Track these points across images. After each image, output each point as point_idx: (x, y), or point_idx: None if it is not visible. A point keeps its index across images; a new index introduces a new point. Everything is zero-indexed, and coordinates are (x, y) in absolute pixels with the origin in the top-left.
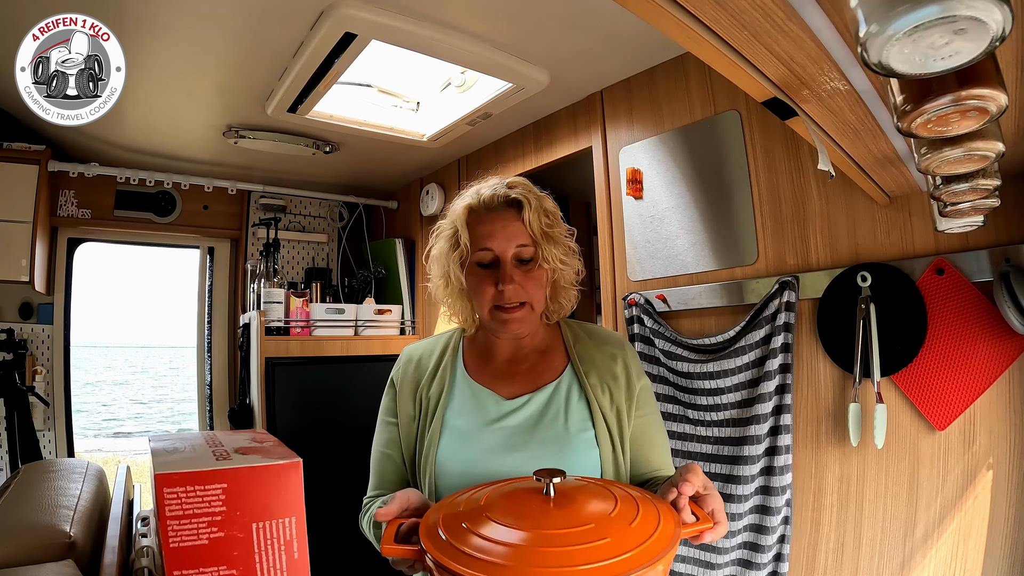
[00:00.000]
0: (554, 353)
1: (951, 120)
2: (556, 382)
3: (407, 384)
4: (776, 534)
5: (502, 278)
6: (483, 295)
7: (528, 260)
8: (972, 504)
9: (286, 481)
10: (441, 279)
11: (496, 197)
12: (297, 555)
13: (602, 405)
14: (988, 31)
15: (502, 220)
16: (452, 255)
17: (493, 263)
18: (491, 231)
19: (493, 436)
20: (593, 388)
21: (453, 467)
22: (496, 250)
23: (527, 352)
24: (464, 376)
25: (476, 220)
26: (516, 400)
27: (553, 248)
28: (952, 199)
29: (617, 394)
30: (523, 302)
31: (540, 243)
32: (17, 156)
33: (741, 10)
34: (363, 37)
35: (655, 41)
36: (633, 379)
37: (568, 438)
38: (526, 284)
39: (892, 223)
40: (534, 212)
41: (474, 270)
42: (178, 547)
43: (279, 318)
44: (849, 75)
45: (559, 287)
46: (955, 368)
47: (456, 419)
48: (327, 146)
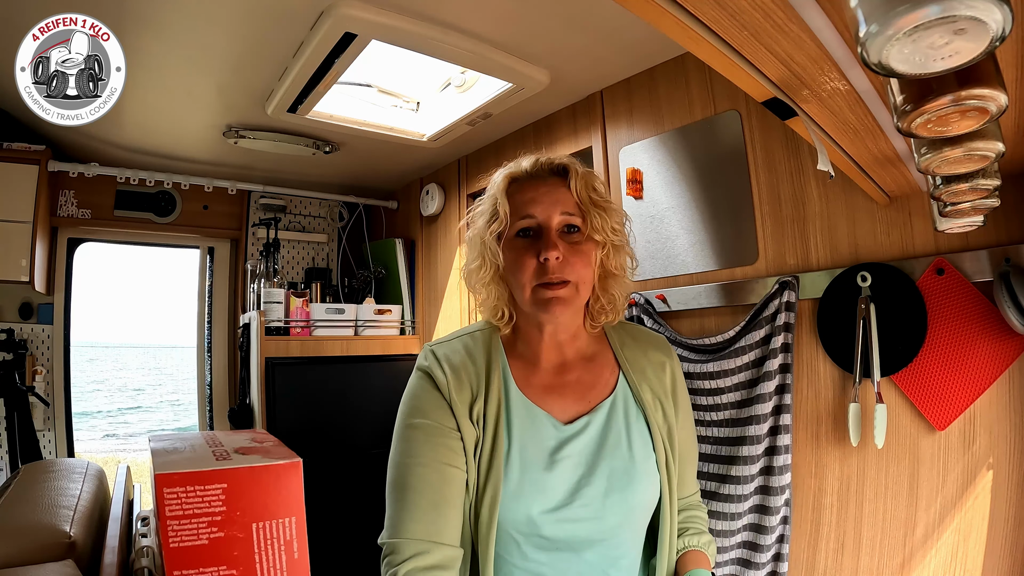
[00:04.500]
0: (602, 361)
1: (951, 120)
2: (611, 399)
3: (459, 394)
4: (775, 534)
5: (545, 245)
6: (524, 269)
7: (575, 229)
8: (972, 504)
9: (286, 481)
10: (476, 259)
11: (540, 164)
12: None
13: (659, 425)
14: (988, 31)
15: (547, 186)
16: (490, 227)
17: (536, 232)
18: (534, 197)
19: (558, 470)
20: (648, 406)
21: (519, 508)
22: (539, 216)
23: (573, 359)
24: (517, 392)
25: (517, 189)
26: (574, 424)
27: (604, 217)
28: (952, 199)
29: (668, 410)
30: (568, 280)
31: (589, 211)
32: (17, 156)
33: (741, 10)
34: (363, 37)
35: (655, 41)
36: (679, 391)
37: (635, 468)
38: (572, 259)
39: (892, 223)
40: (581, 179)
41: (513, 243)
42: (178, 547)
43: (279, 318)
44: (849, 75)
45: (610, 274)
46: (955, 368)
47: (517, 448)
48: (327, 146)
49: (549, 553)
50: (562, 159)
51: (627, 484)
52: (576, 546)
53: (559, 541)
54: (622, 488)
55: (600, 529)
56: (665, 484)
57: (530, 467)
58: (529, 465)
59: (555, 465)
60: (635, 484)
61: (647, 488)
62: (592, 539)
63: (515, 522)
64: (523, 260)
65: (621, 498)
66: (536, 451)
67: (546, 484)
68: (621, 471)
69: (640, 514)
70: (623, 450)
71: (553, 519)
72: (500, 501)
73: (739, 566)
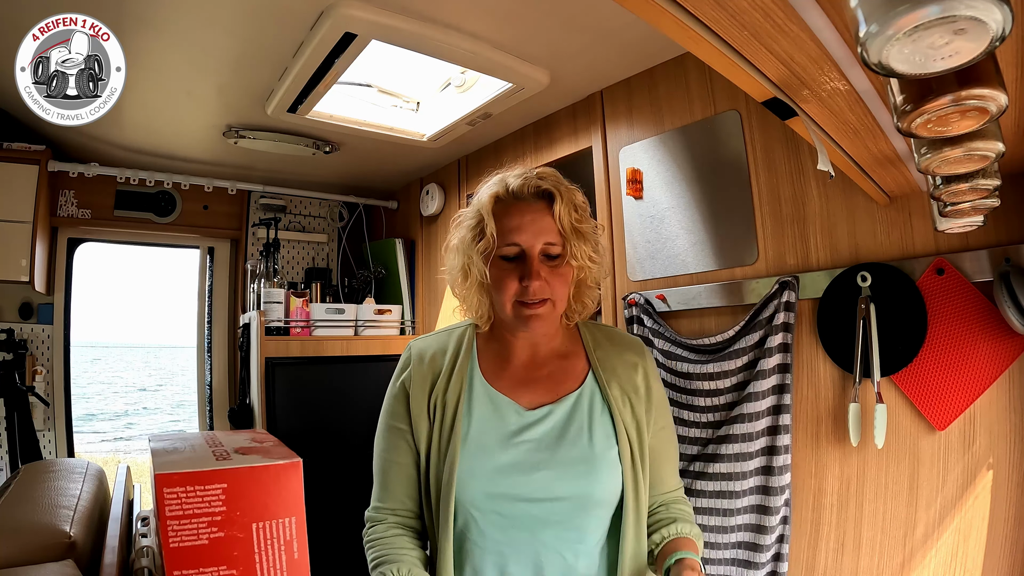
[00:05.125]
0: (574, 358)
1: (951, 120)
2: (578, 392)
3: (420, 386)
4: (775, 534)
5: (528, 273)
6: (506, 289)
7: (556, 256)
8: (972, 504)
9: (286, 481)
10: (460, 271)
11: (527, 187)
12: (297, 555)
13: (624, 420)
14: (988, 31)
15: (531, 213)
16: (476, 246)
17: (519, 257)
18: (520, 224)
19: (515, 451)
20: (615, 400)
21: (475, 485)
22: (524, 245)
23: (545, 356)
24: (481, 381)
25: (503, 211)
26: (537, 411)
27: (582, 245)
28: (952, 199)
29: (637, 407)
30: (547, 299)
31: (569, 239)
32: (17, 156)
33: (741, 10)
34: (363, 37)
35: (655, 41)
36: (653, 390)
37: (594, 457)
38: (552, 281)
39: (892, 223)
40: (565, 206)
41: (498, 263)
42: (178, 547)
43: (279, 318)
44: (849, 75)
45: (584, 286)
46: (955, 368)
47: (475, 430)
48: (327, 146)
49: (507, 532)
50: (548, 183)
51: (585, 472)
52: (532, 526)
53: (515, 519)
54: (579, 476)
55: (555, 511)
56: (628, 476)
57: (488, 448)
58: (487, 447)
59: (513, 447)
60: (594, 473)
61: (607, 478)
62: (548, 520)
63: (473, 499)
64: (506, 281)
65: (577, 484)
66: (496, 434)
67: (502, 464)
68: (579, 459)
69: (598, 502)
70: (583, 440)
71: (508, 498)
72: (456, 479)
73: (738, 567)
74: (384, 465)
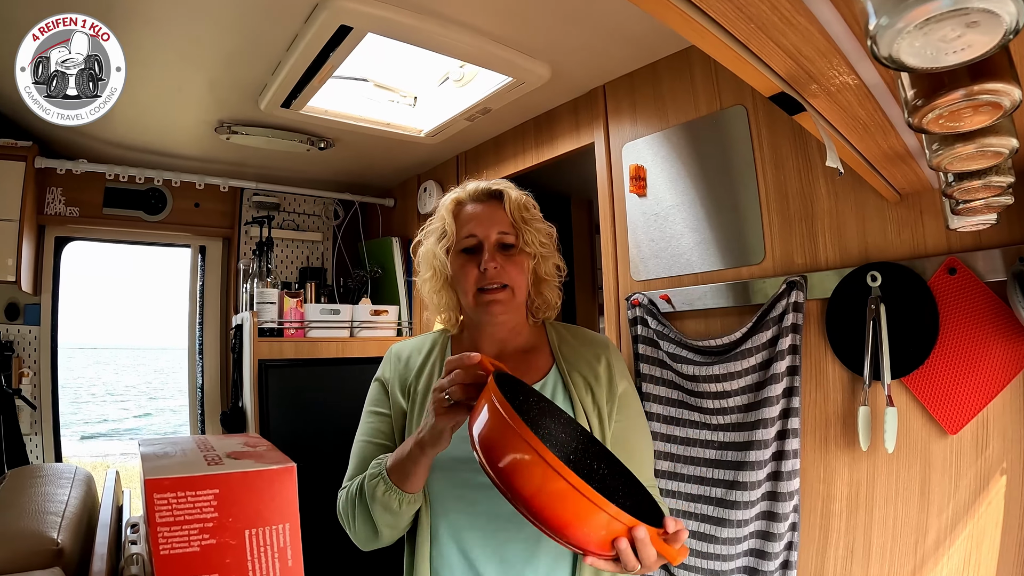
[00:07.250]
0: (539, 354)
1: (963, 115)
2: (541, 382)
3: (397, 378)
4: (783, 541)
5: (484, 259)
6: (467, 277)
7: (510, 246)
8: (985, 510)
9: (280, 487)
10: (428, 271)
11: (479, 189)
12: (291, 562)
13: (585, 405)
14: (1002, 24)
15: (486, 209)
16: (440, 244)
17: (477, 248)
18: (475, 216)
19: None
20: (576, 387)
21: (444, 466)
22: (480, 235)
23: (512, 352)
24: None
25: (461, 211)
26: None
27: (533, 233)
28: (964, 196)
29: (599, 394)
30: (505, 284)
31: (520, 229)
32: (3, 152)
33: (747, 2)
34: (359, 30)
35: (659, 34)
36: (616, 379)
37: None
38: (508, 267)
39: (903, 221)
40: (514, 202)
41: (459, 257)
42: (169, 554)
43: (272, 319)
44: (859, 69)
45: (541, 279)
46: (968, 370)
47: None
48: (322, 142)
49: (478, 491)
50: (498, 184)
51: None
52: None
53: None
54: None
55: None
56: None
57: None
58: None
59: None
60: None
61: None
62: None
63: (440, 461)
64: (467, 269)
65: None
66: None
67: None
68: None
69: None
70: None
71: (470, 485)
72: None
73: (747, 575)
74: (362, 447)
